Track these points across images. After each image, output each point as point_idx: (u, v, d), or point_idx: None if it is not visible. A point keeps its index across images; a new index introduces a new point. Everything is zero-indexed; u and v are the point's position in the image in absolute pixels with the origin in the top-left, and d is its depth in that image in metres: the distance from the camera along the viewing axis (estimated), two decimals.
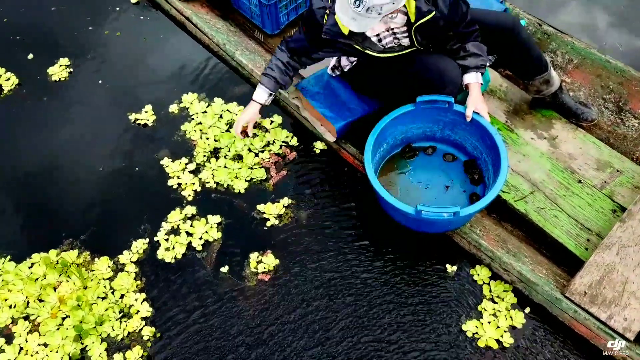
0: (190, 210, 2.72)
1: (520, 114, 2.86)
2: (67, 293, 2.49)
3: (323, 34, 2.34)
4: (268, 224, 2.69)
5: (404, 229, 2.57)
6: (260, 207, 2.73)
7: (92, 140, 3.02)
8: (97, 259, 2.59)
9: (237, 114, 3.05)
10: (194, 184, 2.81)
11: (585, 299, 2.25)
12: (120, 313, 2.45)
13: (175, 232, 2.67)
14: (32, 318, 2.45)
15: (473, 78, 2.43)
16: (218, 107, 3.08)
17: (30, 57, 3.38)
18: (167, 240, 2.64)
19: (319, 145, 2.94)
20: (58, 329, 2.41)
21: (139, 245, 2.62)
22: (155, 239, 2.65)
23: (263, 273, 2.55)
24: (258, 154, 2.91)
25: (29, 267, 2.58)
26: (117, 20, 3.58)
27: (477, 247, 2.50)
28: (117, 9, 3.62)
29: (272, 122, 3.01)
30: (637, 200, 2.46)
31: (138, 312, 2.45)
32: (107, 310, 2.44)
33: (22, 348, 2.38)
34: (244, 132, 2.77)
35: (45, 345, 2.38)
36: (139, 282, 2.54)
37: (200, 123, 3.03)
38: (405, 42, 2.39)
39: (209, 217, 2.70)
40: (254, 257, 2.58)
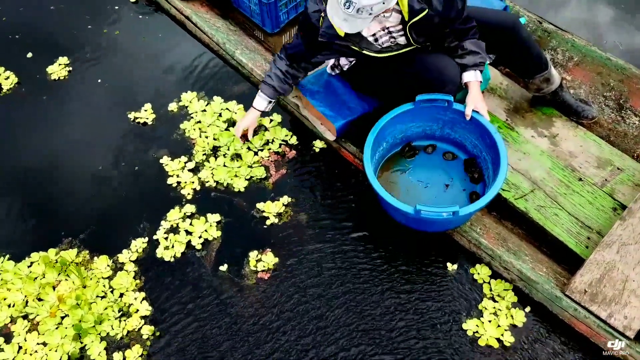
0: (190, 209, 2.72)
1: (521, 112, 2.85)
2: (66, 292, 2.49)
3: (320, 37, 2.34)
4: (267, 223, 2.68)
5: (404, 228, 2.57)
6: (260, 205, 2.72)
7: (91, 139, 3.02)
8: (96, 258, 2.59)
9: (236, 113, 3.04)
10: (193, 183, 2.81)
11: (586, 297, 2.24)
12: (120, 312, 2.45)
13: (175, 230, 2.67)
14: (31, 317, 2.45)
15: (472, 76, 2.42)
16: (217, 105, 3.08)
17: (30, 56, 3.38)
18: (166, 239, 2.63)
19: (319, 144, 2.93)
20: (57, 328, 2.40)
21: (138, 244, 2.62)
22: (155, 238, 2.64)
23: (262, 271, 2.54)
24: (257, 153, 2.90)
25: (28, 266, 2.57)
26: (116, 19, 3.57)
27: (477, 245, 2.50)
28: (116, 8, 3.62)
29: (271, 120, 3.01)
30: (637, 198, 2.45)
31: (137, 311, 2.45)
32: (106, 309, 2.44)
33: (21, 347, 2.38)
34: (244, 136, 2.79)
35: (45, 345, 2.38)
36: (138, 281, 2.53)
37: (200, 122, 3.02)
38: (402, 40, 2.39)
39: (209, 215, 2.70)
40: (254, 255, 2.58)
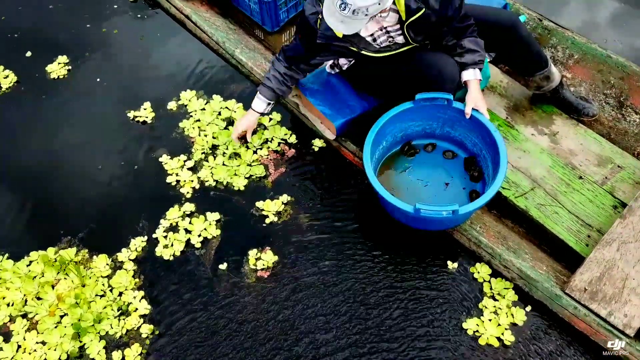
0: (189, 208, 2.71)
1: (521, 110, 2.85)
2: (65, 291, 2.48)
3: (318, 39, 2.34)
4: (267, 221, 2.68)
5: (404, 227, 2.56)
6: (259, 204, 2.72)
7: (90, 138, 3.02)
8: (95, 257, 2.58)
9: (235, 112, 3.04)
10: (193, 181, 2.80)
11: (586, 296, 2.24)
12: (119, 311, 2.44)
13: (174, 229, 2.66)
14: (30, 316, 2.44)
15: (471, 75, 2.41)
16: (217, 104, 3.07)
17: (29, 54, 3.38)
18: (165, 238, 2.63)
19: (318, 143, 2.93)
20: (56, 327, 2.40)
21: (138, 243, 2.61)
22: (154, 236, 2.64)
23: (262, 270, 2.54)
24: (256, 151, 2.90)
25: (27, 265, 2.57)
26: (115, 19, 3.57)
27: (477, 244, 2.49)
28: (115, 7, 3.62)
29: (270, 119, 3.00)
30: (637, 196, 2.44)
31: (136, 309, 2.45)
32: (105, 308, 2.44)
33: (20, 346, 2.38)
34: (242, 138, 2.80)
35: (44, 343, 2.37)
36: (138, 279, 2.53)
37: (199, 120, 3.02)
38: (400, 39, 2.38)
39: (208, 214, 2.69)
40: (253, 254, 2.57)
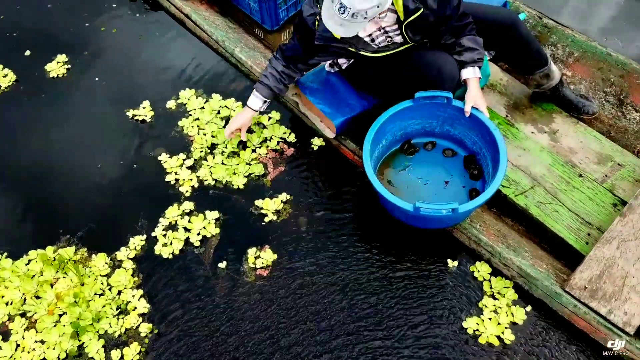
0: (188, 206, 2.71)
1: (521, 108, 2.84)
2: (64, 290, 2.48)
3: (316, 40, 2.34)
4: (266, 220, 2.67)
5: (404, 225, 2.55)
6: (258, 202, 2.71)
7: (89, 137, 3.01)
8: (94, 256, 2.58)
9: (234, 110, 3.03)
10: (192, 180, 2.80)
11: (585, 294, 2.23)
12: (118, 309, 2.44)
13: (173, 227, 2.66)
14: (29, 315, 2.44)
15: (470, 73, 2.41)
16: (216, 103, 3.07)
17: (28, 53, 3.38)
18: (164, 236, 2.63)
19: (317, 142, 2.92)
20: (55, 326, 2.40)
21: (137, 242, 2.61)
22: (153, 235, 2.64)
23: (261, 268, 2.53)
24: (255, 150, 2.89)
25: (26, 263, 2.56)
26: (114, 18, 3.57)
27: (477, 242, 2.48)
28: (113, 6, 3.62)
29: (270, 118, 3.00)
30: (637, 194, 2.43)
31: (135, 308, 2.44)
32: (104, 307, 2.43)
33: (18, 345, 2.37)
34: (241, 143, 2.83)
35: (42, 342, 2.37)
36: (136, 278, 2.53)
37: (198, 119, 3.01)
38: (398, 39, 2.37)
39: (207, 212, 2.68)
40: (252, 252, 2.57)
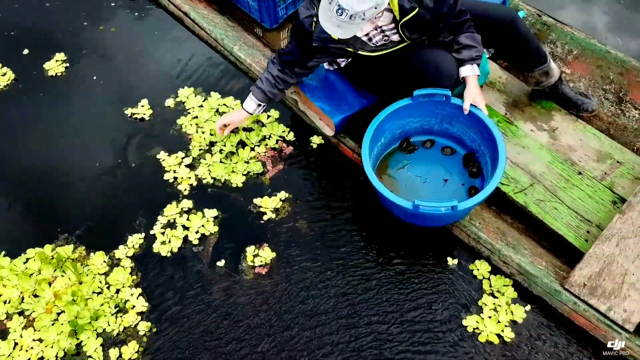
0: (187, 204, 2.70)
1: (520, 106, 2.84)
2: (62, 288, 2.47)
3: (314, 42, 2.33)
4: (265, 218, 2.67)
5: (403, 223, 2.54)
6: (257, 200, 2.71)
7: (88, 135, 3.01)
8: (92, 254, 2.57)
9: (233, 108, 3.03)
10: (190, 178, 2.79)
11: (585, 291, 2.23)
12: (116, 308, 2.43)
13: (172, 225, 2.65)
14: (27, 313, 2.43)
15: (469, 70, 2.40)
16: (215, 101, 3.06)
17: (26, 52, 3.37)
18: (163, 234, 2.62)
19: (316, 140, 2.91)
20: (53, 325, 2.39)
21: (135, 240, 2.60)
22: (152, 233, 2.63)
23: (260, 266, 2.53)
24: (254, 148, 2.89)
25: (24, 262, 2.56)
26: (112, 16, 3.56)
27: (476, 239, 2.48)
28: (112, 5, 3.61)
29: (268, 116, 2.99)
30: (637, 192, 2.43)
31: (134, 307, 2.44)
32: (102, 306, 2.43)
33: (17, 343, 2.37)
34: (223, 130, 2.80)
35: (40, 341, 2.36)
36: (135, 277, 2.52)
37: (197, 117, 3.01)
38: (395, 38, 2.37)
39: (206, 210, 2.68)
40: (251, 250, 2.56)
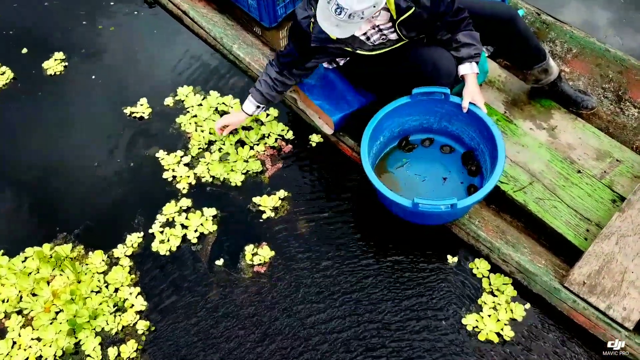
0: (186, 203, 2.70)
1: (519, 104, 2.83)
2: (60, 287, 2.47)
3: (312, 43, 2.33)
4: (264, 217, 2.66)
5: (402, 222, 2.54)
6: (256, 199, 2.71)
7: (87, 134, 3.00)
8: (91, 253, 2.57)
9: (232, 107, 3.02)
10: (189, 177, 2.79)
11: (584, 289, 2.22)
12: (115, 307, 2.43)
13: (170, 224, 2.65)
14: (25, 312, 2.43)
15: (468, 69, 2.40)
16: (214, 99, 3.06)
17: (25, 51, 3.37)
18: (162, 233, 2.62)
19: (315, 138, 2.91)
20: (52, 323, 2.39)
21: (134, 239, 2.60)
22: (150, 231, 2.63)
23: (259, 265, 2.52)
24: (253, 147, 2.88)
25: (22, 261, 2.55)
26: (111, 15, 3.55)
27: (475, 238, 2.48)
28: (111, 4, 3.61)
29: (267, 115, 2.99)
30: (636, 190, 2.43)
31: (132, 305, 2.43)
32: (101, 304, 2.42)
33: (15, 342, 2.36)
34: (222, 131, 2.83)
35: (39, 340, 2.36)
36: (134, 275, 2.52)
37: (196, 116, 3.01)
38: (393, 36, 2.37)
39: (205, 209, 2.68)
40: (250, 249, 2.56)
